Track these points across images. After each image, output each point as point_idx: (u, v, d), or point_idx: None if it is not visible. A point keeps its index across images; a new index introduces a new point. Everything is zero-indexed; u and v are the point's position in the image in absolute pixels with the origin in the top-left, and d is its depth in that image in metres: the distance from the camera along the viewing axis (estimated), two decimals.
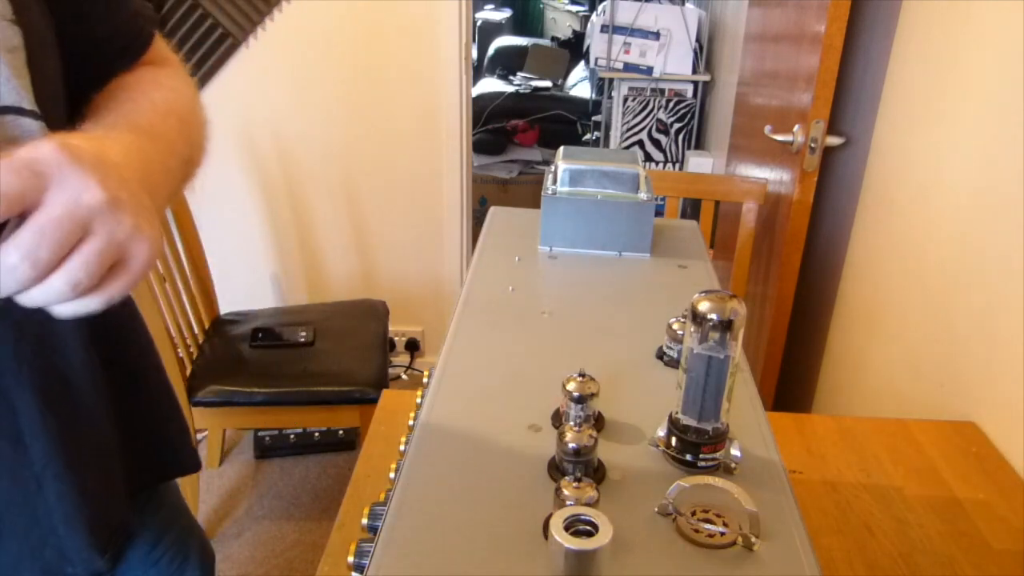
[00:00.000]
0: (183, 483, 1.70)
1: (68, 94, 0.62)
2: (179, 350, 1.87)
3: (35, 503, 0.63)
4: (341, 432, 2.41)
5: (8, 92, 0.53)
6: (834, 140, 1.82)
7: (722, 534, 0.51)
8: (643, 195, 0.90)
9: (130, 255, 0.47)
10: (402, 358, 2.82)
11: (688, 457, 0.56)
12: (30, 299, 0.45)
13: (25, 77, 0.54)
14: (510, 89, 4.41)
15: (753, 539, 0.50)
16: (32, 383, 0.61)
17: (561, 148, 0.97)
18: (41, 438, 0.62)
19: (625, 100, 3.45)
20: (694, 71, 3.40)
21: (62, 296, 0.45)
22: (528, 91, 4.43)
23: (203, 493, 2.18)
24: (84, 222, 0.44)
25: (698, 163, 3.31)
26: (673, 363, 0.69)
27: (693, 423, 0.56)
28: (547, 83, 4.56)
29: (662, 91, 3.44)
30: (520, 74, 4.64)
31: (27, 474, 0.62)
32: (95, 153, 0.47)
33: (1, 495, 0.61)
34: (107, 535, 0.68)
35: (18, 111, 0.53)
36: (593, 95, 4.08)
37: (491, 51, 4.90)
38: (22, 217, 0.44)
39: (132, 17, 0.70)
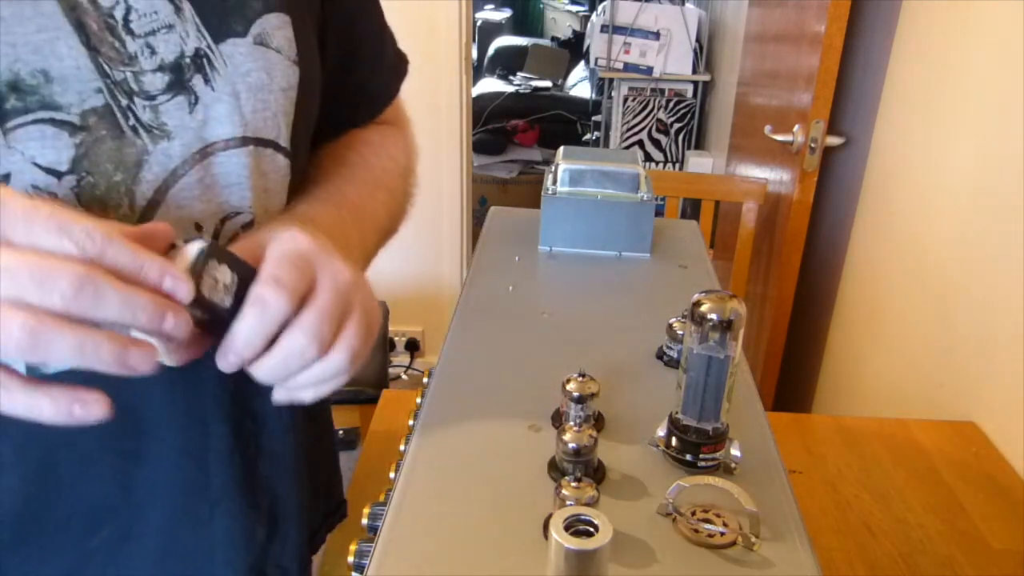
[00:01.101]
0: None
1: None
2: None
3: (202, 532, 0.61)
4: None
5: (272, 127, 0.55)
6: (834, 140, 1.82)
7: (722, 534, 0.51)
8: (643, 195, 0.90)
9: (375, 320, 0.53)
10: (402, 358, 2.82)
11: (688, 457, 0.56)
12: (310, 376, 0.48)
13: (290, 115, 0.57)
14: (510, 89, 4.41)
15: (753, 539, 0.50)
16: (230, 414, 0.60)
17: (561, 148, 0.97)
18: (224, 472, 0.61)
19: (625, 100, 3.45)
20: (694, 71, 3.40)
21: (341, 369, 0.49)
22: (528, 91, 4.43)
23: None
24: (347, 299, 0.49)
25: (698, 163, 3.31)
26: (673, 363, 0.69)
27: (693, 423, 0.56)
28: (547, 83, 4.56)
29: (662, 91, 3.44)
30: (520, 74, 4.64)
31: (202, 500, 0.61)
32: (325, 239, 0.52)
33: (175, 511, 0.60)
34: None
35: (276, 146, 0.56)
36: (593, 95, 4.09)
37: (491, 51, 4.90)
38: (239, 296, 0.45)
39: (389, 70, 0.76)
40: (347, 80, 0.69)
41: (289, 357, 0.46)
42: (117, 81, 0.47)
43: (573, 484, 0.50)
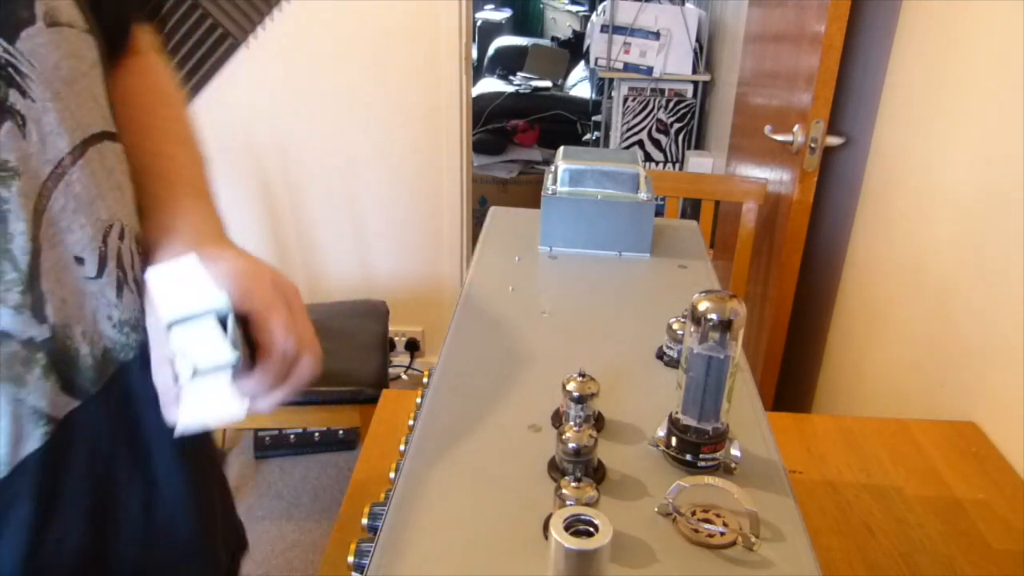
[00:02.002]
0: None
1: None
2: None
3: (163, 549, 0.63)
4: (341, 432, 2.41)
5: (98, 116, 0.51)
6: (834, 140, 1.82)
7: (722, 534, 0.51)
8: (643, 195, 0.90)
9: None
10: (402, 358, 2.82)
11: (688, 457, 0.56)
12: (302, 375, 0.57)
13: (104, 93, 0.52)
14: (510, 89, 4.41)
15: (753, 539, 0.50)
16: (170, 442, 0.61)
17: (561, 148, 0.97)
18: (175, 489, 0.63)
19: (625, 100, 3.45)
20: (694, 71, 3.40)
21: (316, 364, 0.58)
22: (528, 91, 4.43)
23: None
24: (297, 310, 0.57)
25: (698, 163, 3.31)
26: (673, 363, 0.69)
27: (693, 423, 0.56)
28: (547, 83, 4.56)
29: (662, 91, 3.44)
30: (520, 74, 4.64)
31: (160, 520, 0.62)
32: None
33: (135, 543, 0.60)
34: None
35: (109, 136, 0.52)
36: (593, 95, 4.08)
37: (491, 51, 4.90)
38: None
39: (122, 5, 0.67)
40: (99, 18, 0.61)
41: (286, 362, 0.56)
42: None
43: (573, 484, 0.50)
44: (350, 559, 0.60)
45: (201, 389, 0.48)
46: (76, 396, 0.52)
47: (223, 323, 0.49)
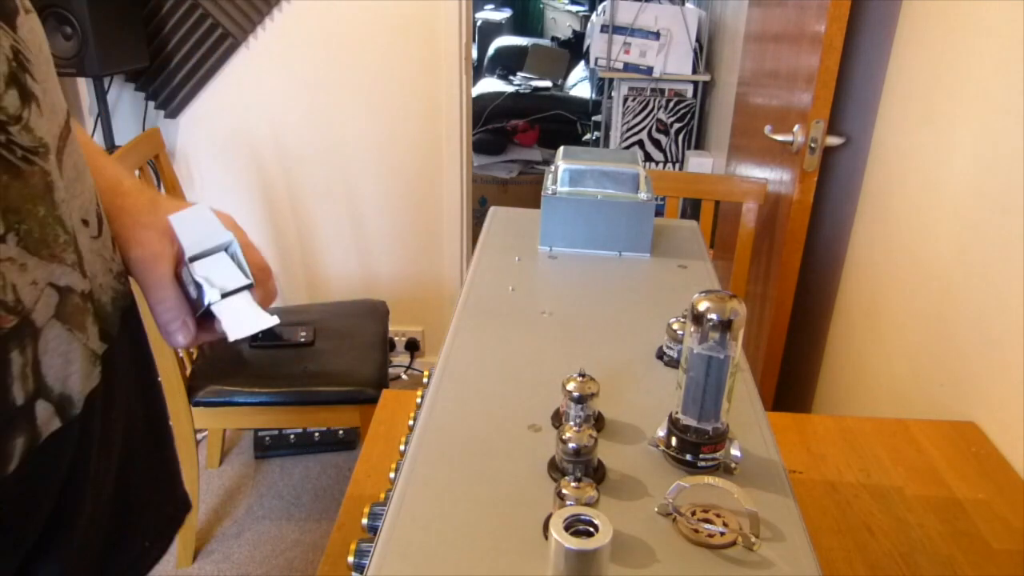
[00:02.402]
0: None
1: None
2: (179, 350, 1.87)
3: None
4: (341, 432, 2.41)
5: (54, 83, 0.54)
6: (834, 140, 1.82)
7: (722, 534, 0.51)
8: (643, 195, 0.90)
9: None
10: (402, 358, 2.82)
11: (688, 457, 0.56)
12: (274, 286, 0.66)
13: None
14: (510, 89, 4.41)
15: (753, 539, 0.50)
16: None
17: (561, 148, 0.97)
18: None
19: (625, 100, 3.45)
20: (694, 71, 3.40)
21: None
22: (528, 91, 4.43)
23: (203, 493, 2.18)
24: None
25: (698, 163, 3.31)
26: (673, 363, 0.69)
27: (693, 423, 0.56)
28: (547, 83, 4.56)
29: (662, 91, 3.44)
30: (520, 74, 4.64)
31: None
32: None
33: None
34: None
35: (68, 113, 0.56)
36: (593, 95, 4.09)
37: (491, 51, 4.90)
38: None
39: None
40: None
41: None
42: None
43: (573, 484, 0.50)
44: (350, 559, 0.60)
45: (231, 307, 0.58)
46: (105, 341, 0.59)
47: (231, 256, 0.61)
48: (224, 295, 0.58)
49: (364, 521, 0.64)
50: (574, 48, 4.85)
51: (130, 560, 0.68)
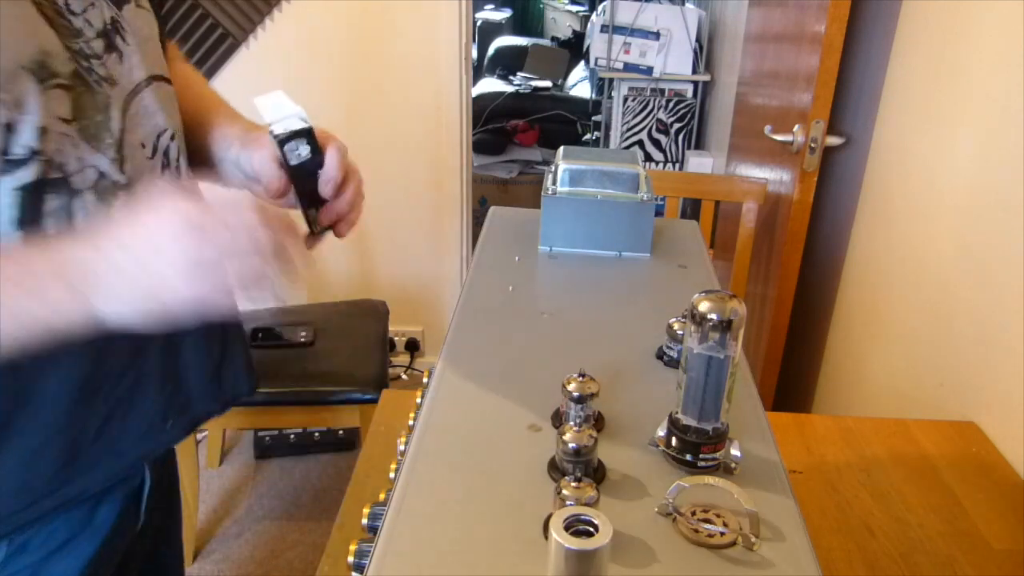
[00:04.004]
0: (183, 482, 1.70)
1: None
2: None
3: (177, 357, 0.79)
4: (341, 432, 2.41)
5: (160, 66, 0.75)
6: (834, 140, 1.82)
7: (722, 534, 0.51)
8: (643, 195, 0.90)
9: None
10: (402, 358, 2.82)
11: (688, 457, 0.56)
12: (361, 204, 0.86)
13: (162, 55, 0.77)
14: (510, 89, 4.41)
15: (753, 539, 0.50)
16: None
17: (561, 148, 0.97)
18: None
19: (625, 100, 3.45)
20: (694, 71, 3.40)
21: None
22: (528, 91, 4.43)
23: (203, 493, 2.18)
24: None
25: (698, 163, 3.31)
26: (673, 363, 0.69)
27: (693, 423, 0.56)
28: (547, 83, 4.56)
29: (662, 91, 3.44)
30: (520, 74, 4.64)
31: (175, 337, 0.78)
32: None
33: (160, 347, 0.77)
34: (222, 387, 0.87)
35: (166, 80, 0.76)
36: (593, 95, 4.08)
37: (491, 51, 4.90)
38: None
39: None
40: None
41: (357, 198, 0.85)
42: (75, 51, 0.64)
43: (573, 484, 0.50)
44: (350, 559, 0.60)
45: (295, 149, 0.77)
46: None
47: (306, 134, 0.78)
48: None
49: (364, 521, 0.64)
50: (574, 48, 4.85)
51: None
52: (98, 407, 0.72)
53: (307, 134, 0.78)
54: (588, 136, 4.15)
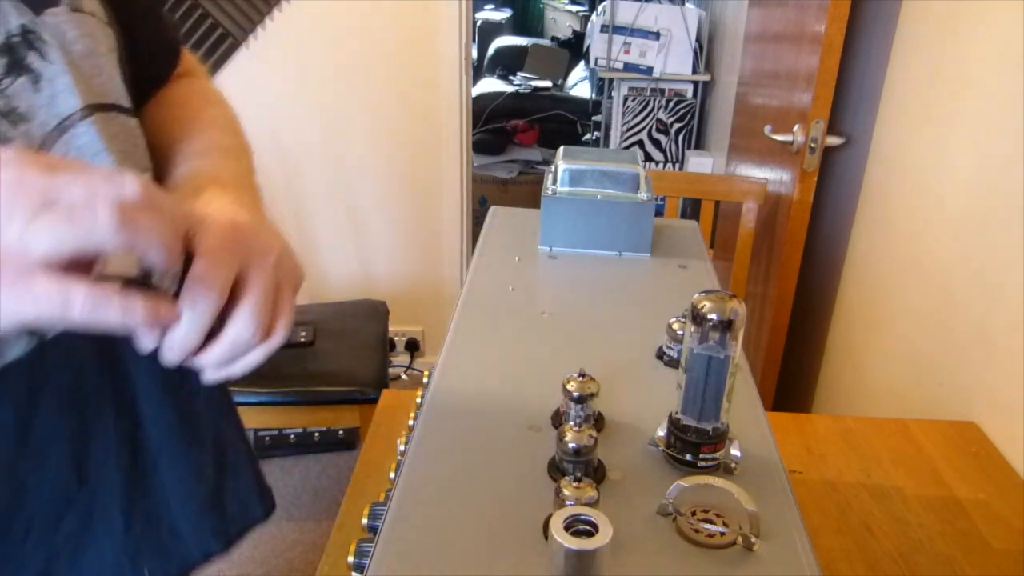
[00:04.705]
0: None
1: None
2: None
3: (152, 486, 0.64)
4: (341, 432, 2.41)
5: (110, 91, 0.56)
6: (834, 140, 1.82)
7: (722, 534, 0.51)
8: (643, 195, 0.90)
9: (299, 281, 0.54)
10: (402, 358, 2.81)
11: (688, 457, 0.56)
12: (253, 357, 0.50)
13: (119, 77, 0.58)
14: (510, 89, 4.41)
15: (753, 539, 0.50)
16: (152, 369, 0.60)
17: (561, 148, 0.97)
18: (159, 422, 0.63)
19: (625, 100, 3.45)
20: (694, 71, 3.40)
21: (279, 343, 0.51)
22: (528, 91, 4.43)
23: None
24: (279, 275, 0.50)
25: (698, 163, 3.31)
26: (673, 363, 0.69)
27: (693, 423, 0.56)
28: (547, 83, 4.56)
29: (662, 91, 3.44)
30: (520, 74, 4.64)
31: (143, 454, 0.63)
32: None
33: (125, 478, 0.62)
34: (223, 518, 0.69)
35: (119, 109, 0.57)
36: (593, 95, 4.08)
37: (491, 51, 4.90)
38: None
39: (166, 27, 0.73)
40: (138, 35, 0.65)
41: (235, 347, 0.48)
42: None
43: (573, 484, 0.50)
44: (350, 559, 0.60)
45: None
46: None
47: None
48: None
49: (364, 521, 0.64)
50: (574, 48, 4.85)
51: None
52: (26, 555, 0.56)
53: None
54: (588, 136, 4.15)
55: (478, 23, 5.22)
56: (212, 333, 0.47)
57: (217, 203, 0.54)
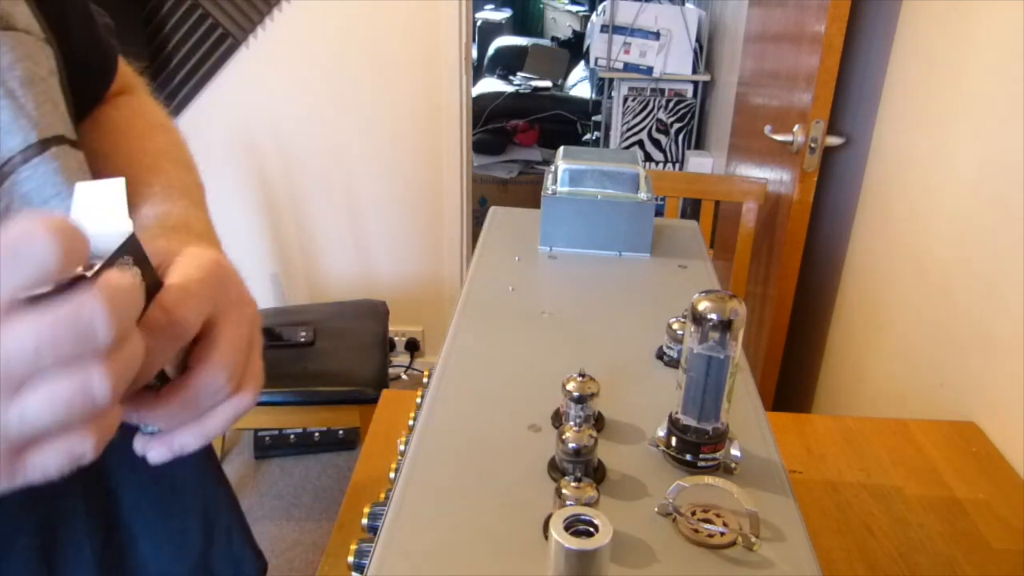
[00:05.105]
0: None
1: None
2: None
3: (127, 557, 0.60)
4: (341, 432, 2.41)
5: (57, 121, 0.49)
6: (834, 140, 1.82)
7: (722, 534, 0.51)
8: (643, 195, 0.90)
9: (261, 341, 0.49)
10: (402, 358, 2.82)
11: (688, 457, 0.56)
12: (222, 417, 0.43)
13: (63, 102, 0.51)
14: (510, 89, 4.41)
15: (753, 539, 0.50)
16: (123, 441, 0.55)
17: (561, 148, 0.97)
18: (134, 492, 0.61)
19: (625, 100, 3.45)
20: (694, 71, 3.40)
21: (248, 406, 0.45)
22: (528, 91, 4.43)
23: None
24: (251, 332, 0.46)
25: (698, 163, 3.31)
26: (673, 363, 0.69)
27: (693, 423, 0.56)
28: (547, 83, 4.56)
29: (662, 91, 3.44)
30: (520, 74, 4.64)
31: (122, 531, 0.60)
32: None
33: (94, 553, 0.58)
34: None
35: (68, 141, 0.50)
36: (593, 95, 4.09)
37: (491, 51, 4.90)
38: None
39: (100, 32, 0.65)
40: (73, 45, 0.57)
41: (202, 395, 0.42)
42: None
43: (573, 484, 0.50)
44: (350, 559, 0.60)
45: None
46: None
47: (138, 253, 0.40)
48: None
49: (364, 521, 0.64)
50: (574, 48, 4.85)
51: None
52: None
53: (127, 250, 0.39)
54: (588, 136, 4.15)
55: (478, 23, 5.22)
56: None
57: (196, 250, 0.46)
